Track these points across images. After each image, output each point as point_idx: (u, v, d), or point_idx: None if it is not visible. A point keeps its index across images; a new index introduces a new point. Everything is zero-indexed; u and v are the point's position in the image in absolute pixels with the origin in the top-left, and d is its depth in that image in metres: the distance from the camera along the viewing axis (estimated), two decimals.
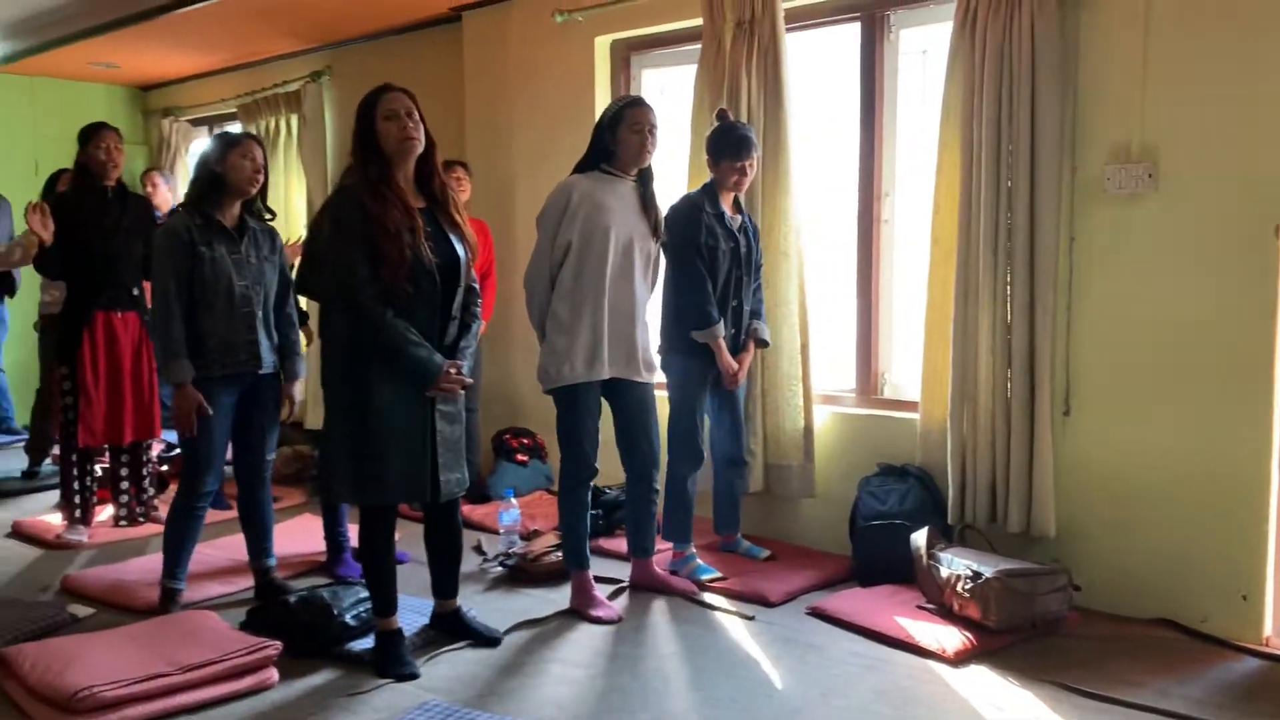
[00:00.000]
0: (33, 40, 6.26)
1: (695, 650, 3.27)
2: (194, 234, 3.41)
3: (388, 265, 2.86)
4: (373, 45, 6.07)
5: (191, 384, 3.40)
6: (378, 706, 2.87)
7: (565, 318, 3.45)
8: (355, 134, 3.01)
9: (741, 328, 3.88)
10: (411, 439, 2.99)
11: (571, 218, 3.43)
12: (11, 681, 2.89)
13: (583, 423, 3.52)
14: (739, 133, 3.81)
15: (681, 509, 3.88)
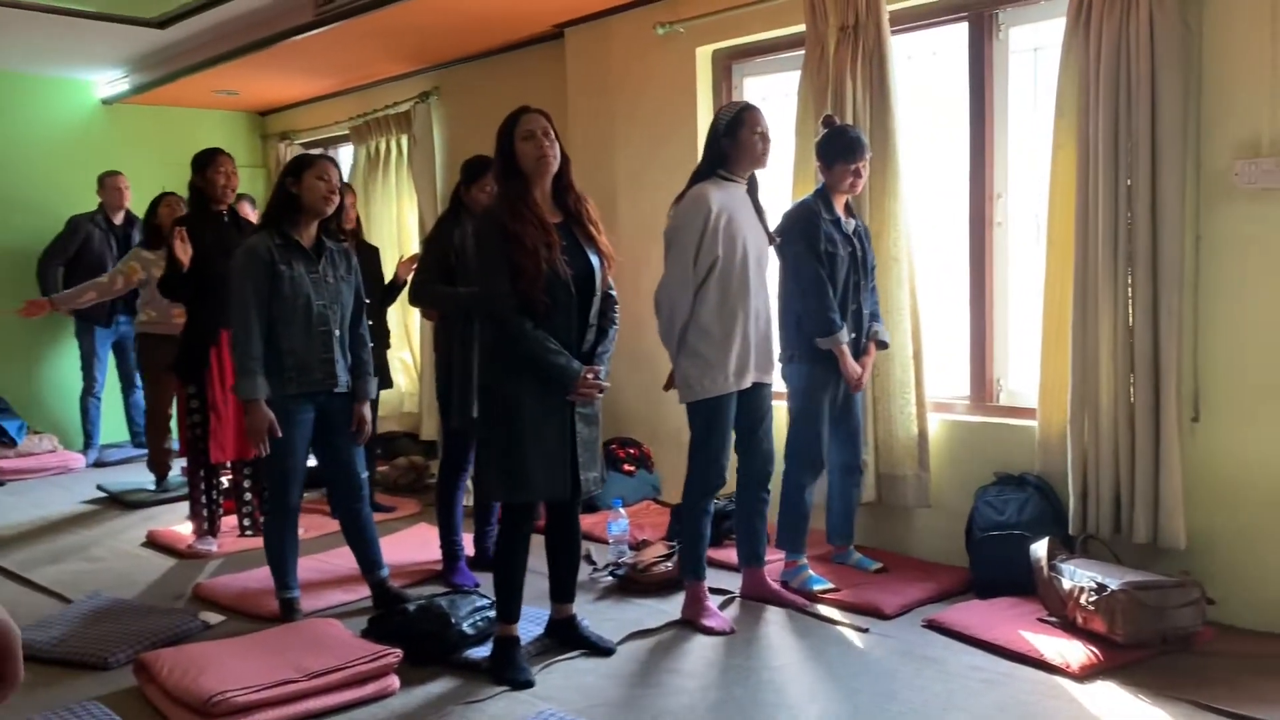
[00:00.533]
0: (160, 72, 6.58)
1: (809, 662, 3.24)
2: (274, 253, 3.49)
3: (525, 279, 2.98)
4: (478, 64, 6.20)
5: (265, 402, 3.47)
6: (495, 714, 2.92)
7: (716, 332, 3.44)
8: (497, 153, 3.14)
9: (862, 331, 3.84)
10: (552, 440, 3.10)
11: (714, 233, 3.41)
12: (151, 686, 3.03)
13: (723, 433, 3.52)
14: (851, 134, 3.78)
15: (798, 518, 3.85)
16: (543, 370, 3.04)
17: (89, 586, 4.08)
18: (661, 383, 3.79)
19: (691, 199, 3.48)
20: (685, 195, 3.52)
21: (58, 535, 5.04)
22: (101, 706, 2.92)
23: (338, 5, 5.06)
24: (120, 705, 2.96)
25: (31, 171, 6.99)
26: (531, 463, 3.07)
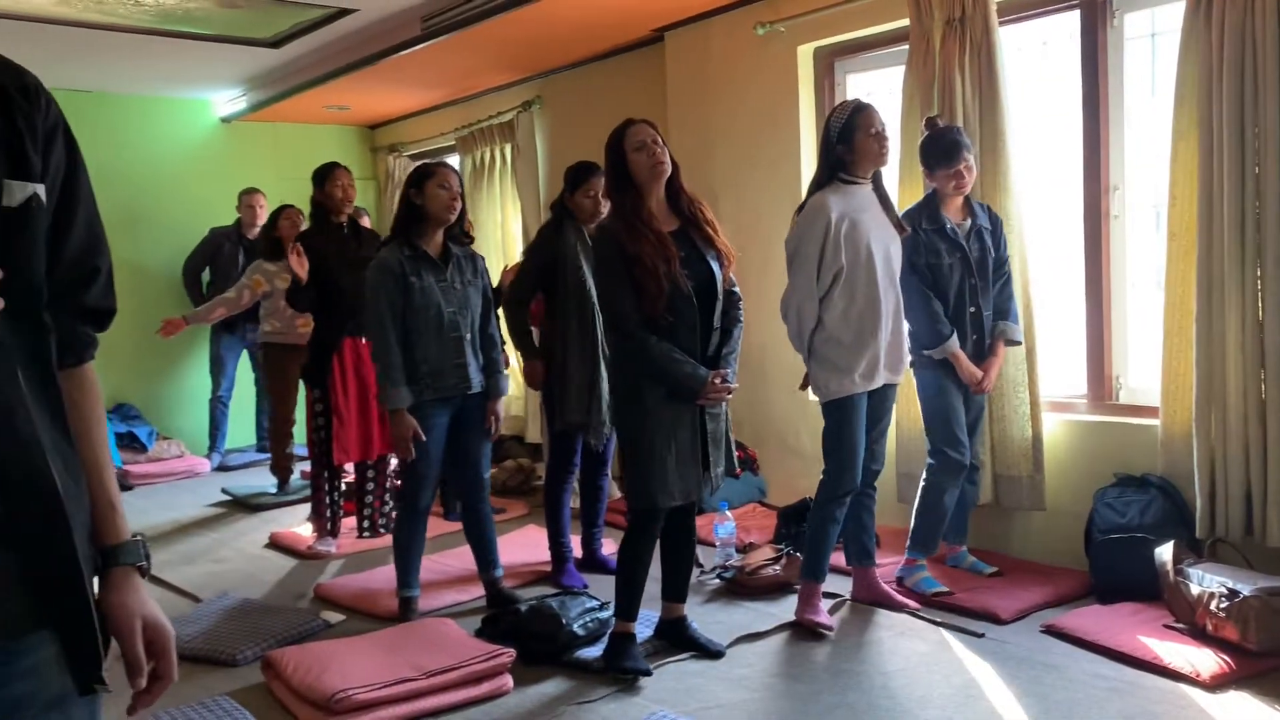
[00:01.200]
0: (275, 90, 6.83)
1: (923, 668, 3.18)
2: (404, 265, 3.59)
3: (647, 299, 3.05)
4: (579, 72, 6.27)
5: (407, 410, 3.58)
6: (607, 715, 2.95)
7: (847, 339, 3.42)
8: (608, 168, 3.20)
9: (985, 332, 3.76)
10: (686, 444, 3.15)
11: (835, 243, 3.38)
12: (277, 682, 3.15)
13: (855, 435, 3.49)
14: (949, 138, 3.71)
15: (935, 519, 3.78)
16: (670, 381, 3.09)
17: (217, 586, 4.26)
18: (766, 385, 3.77)
19: (811, 209, 3.45)
20: (806, 205, 3.49)
21: (187, 537, 5.27)
22: (231, 701, 3.05)
23: (443, 19, 5.17)
24: (249, 700, 3.08)
25: (158, 189, 7.31)
26: (669, 468, 3.12)
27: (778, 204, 4.94)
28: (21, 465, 1.05)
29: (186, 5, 5.12)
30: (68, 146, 1.16)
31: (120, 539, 1.22)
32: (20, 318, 1.08)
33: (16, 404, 1.05)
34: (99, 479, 1.22)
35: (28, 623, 1.09)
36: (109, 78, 6.69)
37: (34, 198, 1.08)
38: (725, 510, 4.33)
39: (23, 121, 1.09)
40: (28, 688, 1.10)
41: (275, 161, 7.73)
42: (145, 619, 1.20)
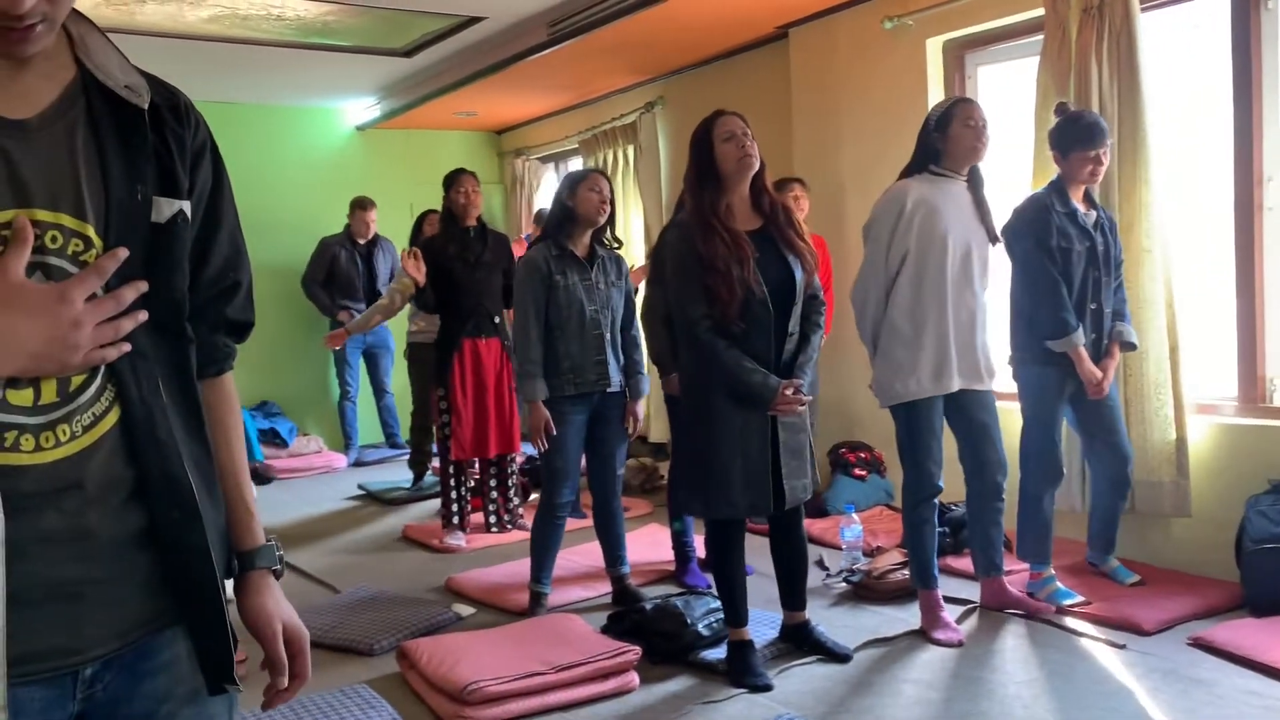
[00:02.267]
0: (407, 98, 7.05)
1: (1059, 678, 3.08)
2: (550, 264, 3.70)
3: (719, 304, 2.99)
4: (701, 72, 6.27)
5: (543, 403, 3.66)
6: (733, 716, 2.94)
7: (907, 331, 3.36)
8: (692, 160, 3.13)
9: (1103, 331, 3.60)
10: (753, 456, 3.07)
11: (907, 226, 3.33)
12: (411, 672, 3.25)
13: (926, 439, 3.42)
14: (1088, 120, 3.57)
15: (1038, 528, 3.67)
16: (740, 390, 3.02)
17: (354, 578, 4.41)
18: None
19: (887, 193, 3.42)
20: (886, 191, 3.44)
21: (324, 529, 5.48)
22: (369, 689, 3.16)
23: (569, 24, 5.25)
24: (384, 689, 3.19)
25: (295, 196, 7.63)
26: (733, 476, 3.05)
27: None
28: (161, 470, 1.09)
29: (325, 18, 5.32)
30: (214, 164, 1.20)
31: (257, 543, 1.26)
32: (163, 329, 1.12)
33: (158, 412, 1.09)
34: (236, 485, 1.26)
35: (164, 620, 1.13)
36: (251, 90, 7.02)
37: (180, 214, 1.12)
38: (851, 513, 4.27)
39: (173, 140, 1.13)
40: (166, 682, 1.14)
41: (407, 167, 7.96)
42: (284, 621, 1.24)
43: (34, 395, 1.01)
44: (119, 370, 1.07)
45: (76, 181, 1.05)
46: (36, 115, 1.04)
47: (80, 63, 1.09)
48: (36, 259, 1.01)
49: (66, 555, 1.03)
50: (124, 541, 1.08)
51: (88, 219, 1.05)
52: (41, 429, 1.02)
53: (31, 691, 1.02)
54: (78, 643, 1.05)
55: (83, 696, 1.09)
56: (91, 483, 1.05)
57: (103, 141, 1.07)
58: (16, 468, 1.00)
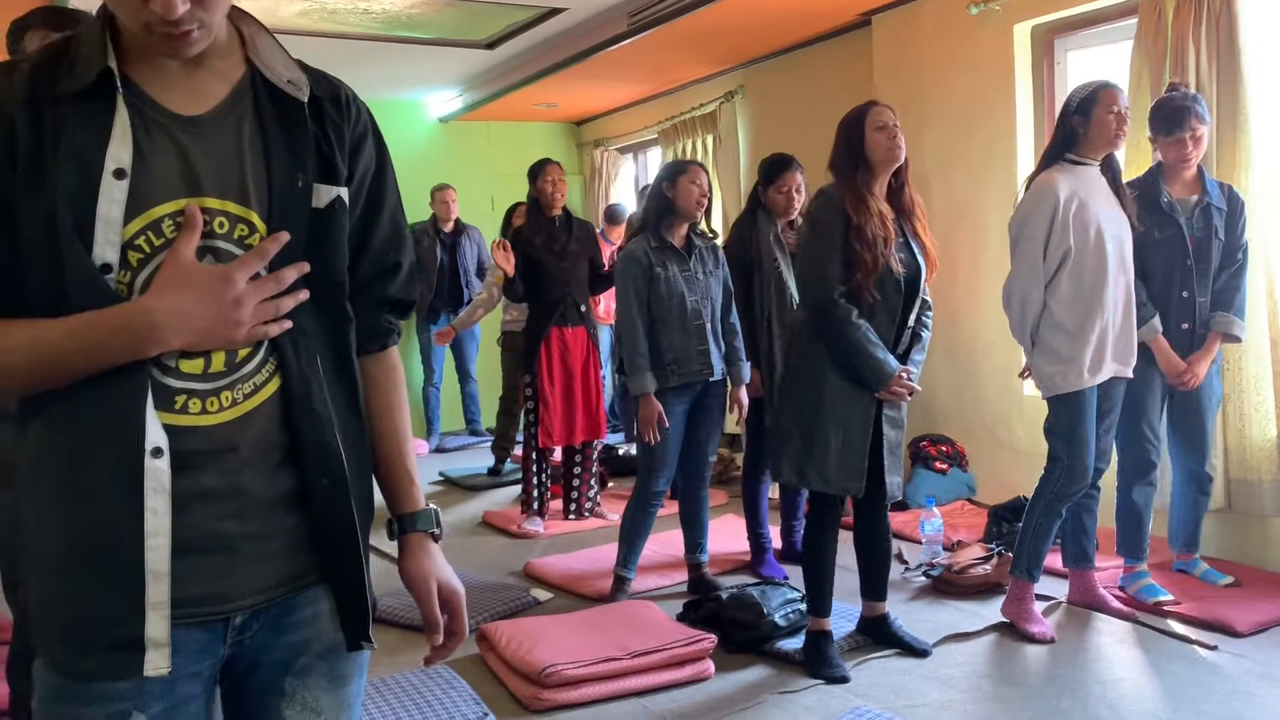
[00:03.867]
0: (489, 90, 7.13)
1: (1146, 678, 3.00)
2: (650, 256, 3.73)
3: (861, 271, 2.99)
4: (782, 60, 6.22)
5: (653, 395, 3.69)
6: (809, 706, 2.93)
7: (1071, 325, 3.25)
8: (842, 144, 3.14)
9: (1198, 321, 3.48)
10: (855, 433, 3.07)
11: (1064, 223, 3.22)
12: (491, 654, 3.30)
13: (1085, 429, 3.31)
14: (1176, 103, 3.44)
15: (1132, 521, 3.58)
16: (862, 362, 3.02)
17: None
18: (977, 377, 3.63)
19: (1037, 187, 3.29)
20: (1031, 184, 3.34)
21: None
22: (450, 670, 3.21)
23: (649, 14, 5.25)
24: (465, 670, 3.24)
25: None
26: (831, 452, 3.06)
27: (991, 192, 4.76)
28: (314, 438, 1.17)
29: (410, 10, 5.41)
30: (377, 150, 1.28)
31: (417, 507, 1.33)
32: (324, 308, 1.20)
33: (315, 384, 1.18)
34: (399, 451, 1.33)
35: (309, 578, 1.21)
36: None
37: (337, 200, 1.20)
38: (932, 507, 4.21)
39: (333, 130, 1.21)
40: (305, 635, 1.23)
41: (488, 159, 8.06)
42: (440, 581, 1.31)
43: (204, 364, 1.12)
44: (280, 344, 1.16)
45: (242, 171, 1.14)
46: (209, 111, 1.14)
47: (250, 61, 1.19)
48: (206, 243, 1.12)
49: (223, 511, 1.13)
50: (275, 502, 1.17)
51: (252, 206, 1.14)
52: (209, 394, 1.12)
53: (190, 633, 1.12)
54: (230, 592, 1.15)
55: (232, 642, 1.18)
56: (246, 446, 1.14)
57: (267, 133, 1.16)
58: (186, 428, 1.10)
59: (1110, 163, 3.34)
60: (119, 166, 1.07)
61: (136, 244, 1.09)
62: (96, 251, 1.07)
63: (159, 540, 1.08)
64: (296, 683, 1.23)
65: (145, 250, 1.09)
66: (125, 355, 1.07)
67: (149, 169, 1.09)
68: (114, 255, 1.08)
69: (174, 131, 1.12)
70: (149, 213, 1.09)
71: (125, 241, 1.08)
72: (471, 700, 2.98)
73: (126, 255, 1.08)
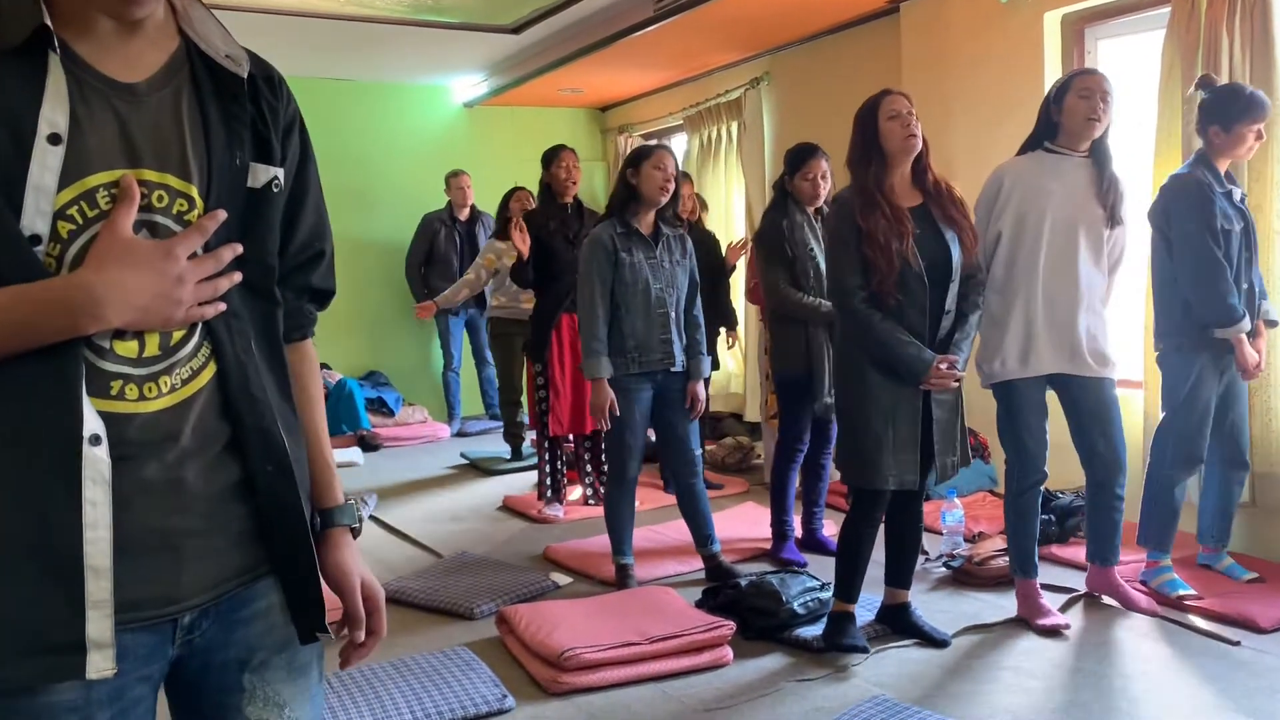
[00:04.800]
0: (514, 74, 7.13)
1: (1168, 673, 2.99)
2: (616, 241, 3.70)
3: (877, 275, 2.99)
4: (809, 46, 6.19)
5: (608, 381, 3.68)
6: (828, 695, 2.93)
7: (996, 310, 3.32)
8: (856, 137, 3.12)
9: (1255, 310, 3.45)
10: (903, 429, 3.07)
11: (1002, 207, 3.30)
12: (510, 637, 3.32)
13: (1021, 422, 3.35)
14: (1249, 91, 3.39)
15: (1166, 515, 3.54)
16: (894, 360, 3.02)
17: (456, 544, 4.52)
18: None
19: (993, 172, 3.37)
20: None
21: (428, 497, 5.62)
22: (470, 652, 3.24)
23: (676, 0, 5.23)
24: (484, 652, 3.26)
25: (403, 173, 7.78)
26: (883, 449, 3.06)
27: None
28: (255, 425, 1.14)
29: None
30: (303, 137, 1.24)
31: (337, 501, 1.30)
32: (255, 291, 1.17)
33: (251, 369, 1.14)
34: (318, 445, 1.30)
35: (258, 570, 1.18)
36: (362, 67, 7.18)
37: (274, 180, 1.17)
38: (953, 498, 4.20)
39: (268, 110, 1.17)
40: (259, 629, 1.19)
41: (513, 144, 8.04)
42: (362, 578, 1.28)
43: (139, 347, 1.06)
44: (214, 328, 1.12)
45: (182, 144, 1.09)
46: (145, 80, 1.09)
47: (184, 33, 1.14)
48: (144, 217, 1.06)
49: (165, 506, 1.08)
50: (219, 494, 1.12)
51: (192, 180, 1.09)
52: (145, 380, 1.06)
53: (137, 637, 1.07)
54: (176, 592, 1.10)
55: (181, 642, 1.14)
56: (188, 435, 1.09)
57: (205, 108, 1.12)
58: (123, 415, 1.05)
59: (1099, 152, 3.30)
60: (53, 131, 1.00)
61: (68, 214, 1.02)
62: (25, 221, 0.99)
63: (99, 534, 1.01)
64: (255, 678, 1.19)
65: (78, 221, 1.02)
66: (60, 333, 1.00)
67: (85, 136, 1.02)
68: (44, 226, 1.00)
69: (111, 98, 1.05)
70: (83, 181, 1.02)
71: (56, 211, 1.01)
72: (491, 682, 3.00)
73: (56, 226, 1.01)
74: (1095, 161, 3.32)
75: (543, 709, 2.92)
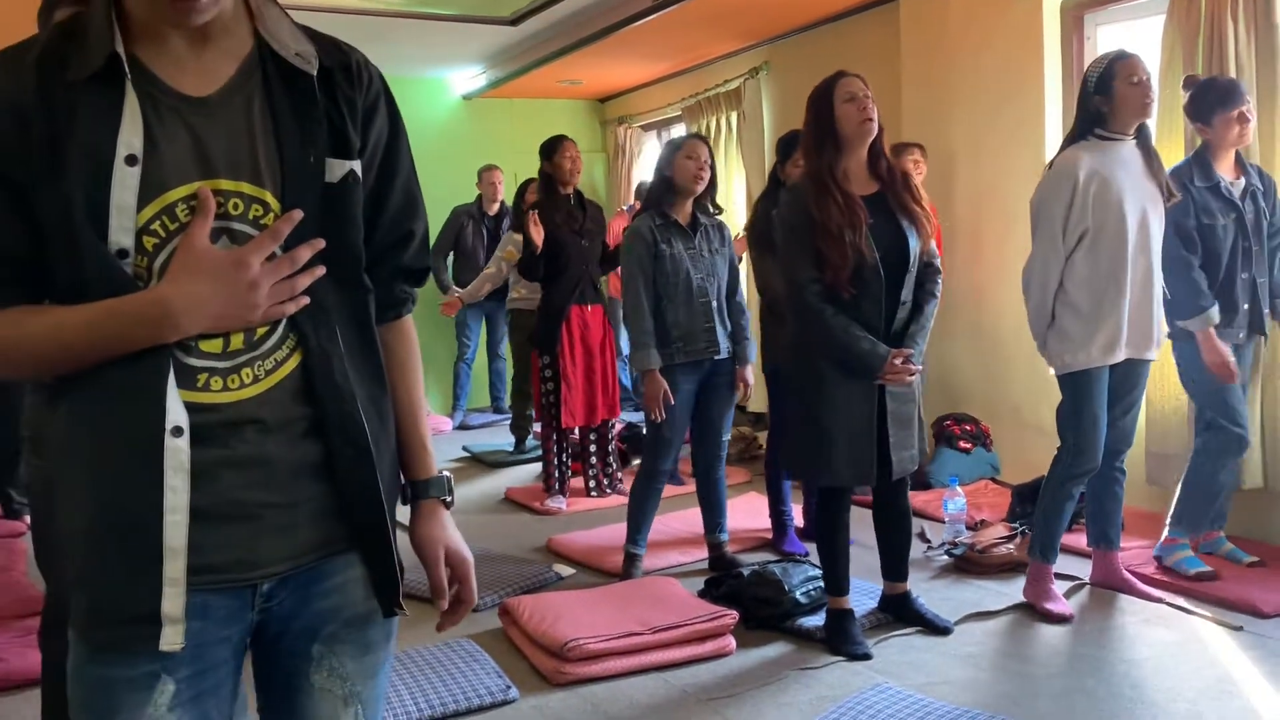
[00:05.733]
0: (513, 66, 7.11)
1: (1171, 659, 2.99)
2: (655, 233, 3.72)
3: (830, 268, 2.94)
4: (807, 36, 6.17)
5: (659, 372, 3.68)
6: (831, 683, 2.94)
7: (1085, 306, 3.20)
8: (810, 120, 3.07)
9: (1263, 300, 3.44)
10: (858, 425, 3.03)
11: (1083, 203, 3.15)
12: (514, 628, 3.33)
13: (1089, 410, 3.26)
14: (1222, 80, 3.40)
15: (1205, 497, 3.54)
16: (847, 355, 2.97)
17: None
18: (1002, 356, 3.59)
19: (1057, 167, 3.23)
20: (1054, 162, 3.29)
21: None
22: (473, 643, 3.25)
23: None
24: (487, 644, 3.27)
25: None
26: (837, 445, 3.02)
27: (1019, 169, 4.71)
28: (337, 410, 1.18)
29: None
30: (390, 117, 1.26)
31: (430, 474, 1.35)
32: (342, 281, 1.20)
33: (335, 358, 1.18)
34: (414, 420, 1.34)
35: (336, 546, 1.22)
36: None
37: (351, 174, 1.19)
38: (956, 486, 4.20)
39: (344, 102, 1.19)
40: (334, 602, 1.24)
41: (511, 136, 8.03)
42: (448, 547, 1.32)
43: (223, 344, 1.13)
44: (298, 320, 1.16)
45: (254, 150, 1.13)
46: (217, 91, 1.13)
47: (258, 34, 1.17)
48: (221, 225, 1.12)
49: (248, 479, 1.14)
50: (300, 471, 1.17)
51: (265, 185, 1.14)
52: (229, 371, 1.13)
53: (218, 599, 1.14)
54: (255, 559, 1.16)
55: (260, 608, 1.20)
56: (272, 418, 1.15)
57: (277, 109, 1.15)
58: (207, 405, 1.12)
59: (1143, 133, 3.27)
60: (130, 153, 1.07)
61: (152, 229, 1.09)
62: (112, 238, 1.07)
63: (177, 517, 1.09)
64: (324, 649, 1.24)
65: (161, 235, 1.09)
66: (145, 341, 1.09)
67: (160, 153, 1.09)
68: (129, 241, 1.08)
69: (185, 114, 1.11)
70: (163, 197, 1.09)
71: (140, 227, 1.08)
72: (494, 673, 3.01)
73: (142, 241, 1.09)
74: (1142, 142, 3.27)
75: (547, 700, 2.93)
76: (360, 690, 1.27)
